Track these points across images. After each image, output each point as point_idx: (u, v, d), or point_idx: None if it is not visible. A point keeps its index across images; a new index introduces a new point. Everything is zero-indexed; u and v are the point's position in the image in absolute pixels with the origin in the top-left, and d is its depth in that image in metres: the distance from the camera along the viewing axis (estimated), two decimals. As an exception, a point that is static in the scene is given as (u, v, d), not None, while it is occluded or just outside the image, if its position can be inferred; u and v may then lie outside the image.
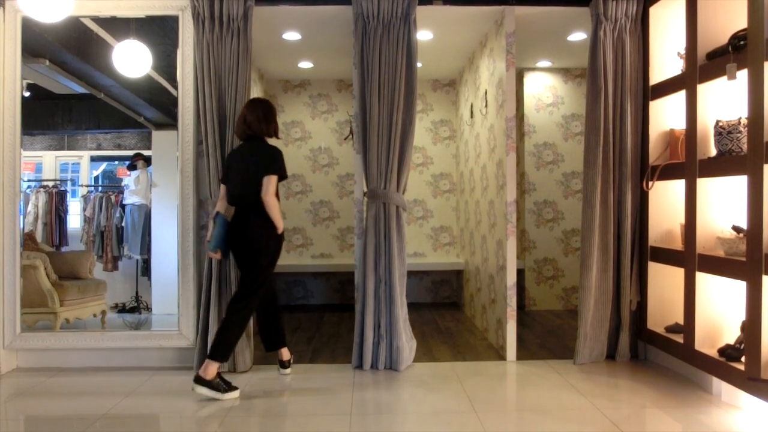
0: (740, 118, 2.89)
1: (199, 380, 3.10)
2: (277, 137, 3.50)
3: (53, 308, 4.10)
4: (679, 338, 3.36)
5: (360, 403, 3.06)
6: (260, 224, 3.26)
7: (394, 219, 3.66)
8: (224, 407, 2.99)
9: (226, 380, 3.17)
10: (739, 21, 3.00)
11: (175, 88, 3.75)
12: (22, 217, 3.77)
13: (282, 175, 3.30)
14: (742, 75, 2.81)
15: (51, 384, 3.44)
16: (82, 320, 4.33)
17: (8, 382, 3.49)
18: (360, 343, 3.67)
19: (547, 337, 4.54)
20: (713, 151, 3.12)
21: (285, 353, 3.59)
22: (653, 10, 3.70)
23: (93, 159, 5.26)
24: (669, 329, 3.57)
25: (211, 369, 3.10)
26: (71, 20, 3.69)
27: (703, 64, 3.13)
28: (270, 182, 3.22)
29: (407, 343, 3.68)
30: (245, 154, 3.34)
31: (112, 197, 5.05)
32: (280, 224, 3.28)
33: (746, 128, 2.80)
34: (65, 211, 5.06)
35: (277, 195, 3.28)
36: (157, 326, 4.57)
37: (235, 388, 3.16)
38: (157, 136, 4.83)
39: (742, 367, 2.77)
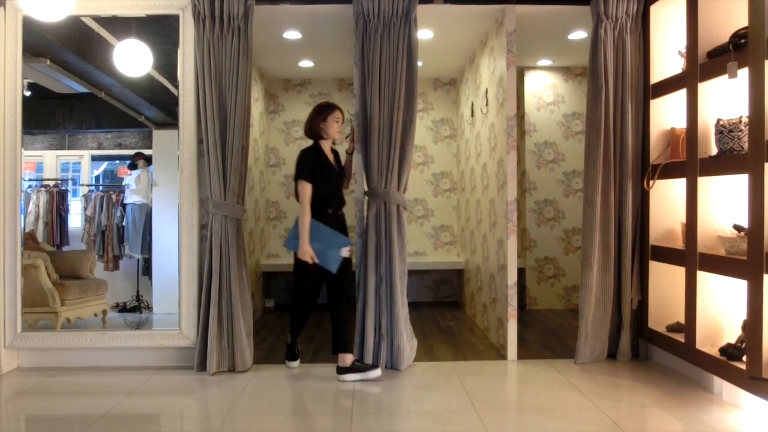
0: (741, 116, 2.89)
1: (343, 370, 3.45)
2: (317, 136, 3.63)
3: (54, 308, 4.11)
4: (680, 337, 3.36)
5: (361, 402, 3.06)
6: None
7: (394, 218, 3.65)
8: (224, 407, 3.00)
9: (364, 362, 3.52)
10: (740, 19, 3.00)
11: (176, 87, 3.75)
12: (23, 216, 3.78)
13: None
14: (743, 73, 2.81)
15: (52, 383, 3.44)
16: (83, 320, 4.33)
17: (9, 381, 3.49)
18: (361, 342, 3.66)
19: (547, 336, 4.54)
20: (714, 150, 3.12)
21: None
22: (654, 9, 3.69)
23: (94, 158, 5.26)
24: (670, 328, 3.57)
25: (348, 358, 3.47)
26: (72, 19, 3.70)
27: (704, 63, 3.13)
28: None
29: (408, 342, 3.68)
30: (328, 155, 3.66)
31: (113, 196, 5.06)
32: None
33: (747, 127, 2.79)
34: (66, 211, 5.06)
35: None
36: (158, 326, 4.57)
37: (376, 366, 3.46)
38: (158, 135, 4.84)
39: (743, 366, 2.77)
